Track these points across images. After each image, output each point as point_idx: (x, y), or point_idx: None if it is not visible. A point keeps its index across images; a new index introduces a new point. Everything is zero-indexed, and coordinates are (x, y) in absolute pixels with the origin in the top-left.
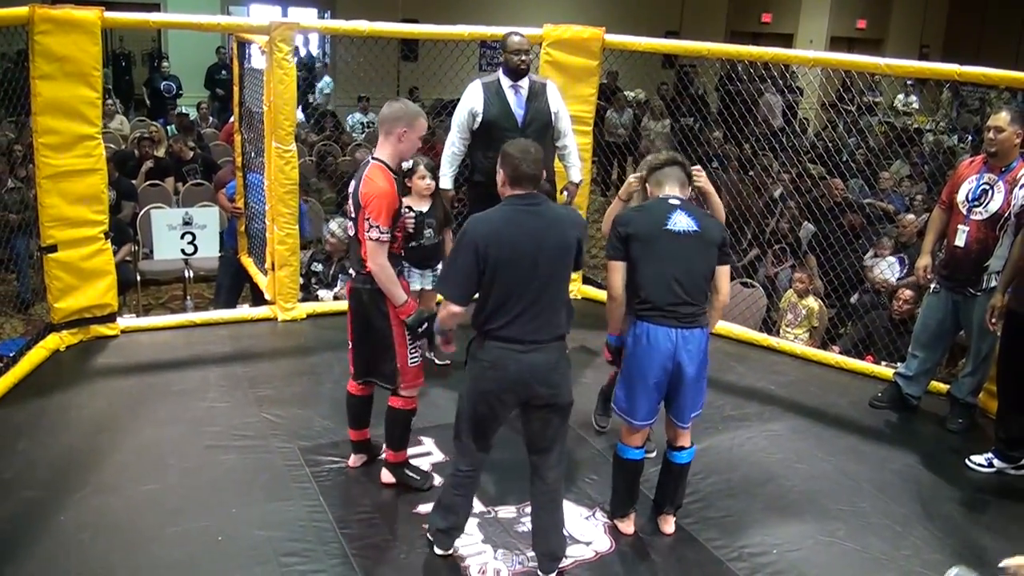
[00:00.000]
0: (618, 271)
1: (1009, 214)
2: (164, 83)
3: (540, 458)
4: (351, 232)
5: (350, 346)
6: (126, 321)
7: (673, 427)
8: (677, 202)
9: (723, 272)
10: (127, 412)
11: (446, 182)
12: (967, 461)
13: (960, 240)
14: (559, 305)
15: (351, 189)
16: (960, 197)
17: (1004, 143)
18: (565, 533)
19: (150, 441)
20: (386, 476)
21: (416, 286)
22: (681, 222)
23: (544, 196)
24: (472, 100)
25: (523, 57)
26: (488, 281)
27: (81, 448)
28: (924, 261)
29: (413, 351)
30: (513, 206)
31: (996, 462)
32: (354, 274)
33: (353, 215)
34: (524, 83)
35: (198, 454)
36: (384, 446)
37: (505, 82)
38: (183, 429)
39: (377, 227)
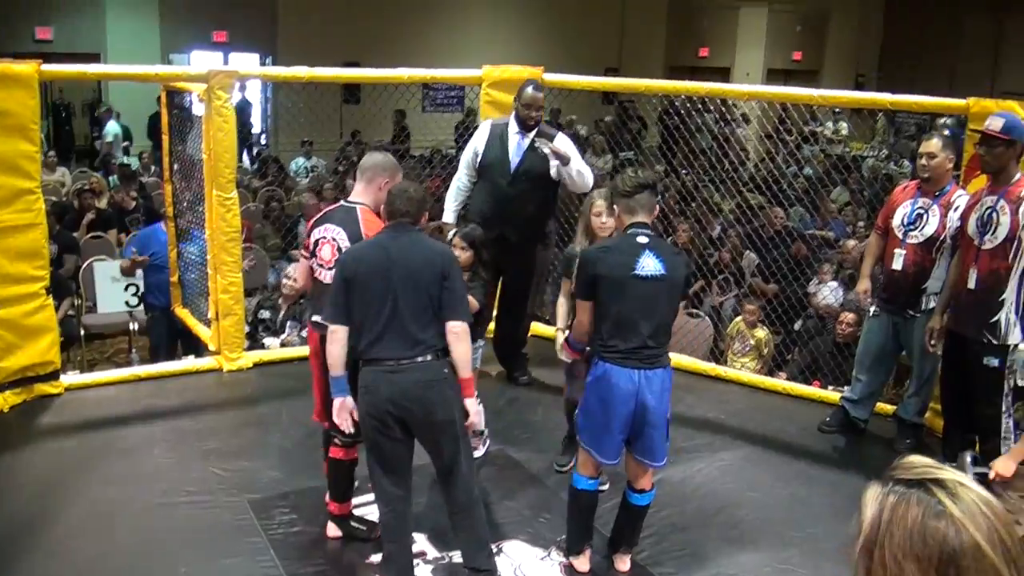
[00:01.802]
0: (587, 310)
1: (944, 237)
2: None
3: (444, 482)
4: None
5: (317, 391)
6: (70, 378)
7: (637, 466)
8: (646, 239)
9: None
10: (73, 472)
11: (448, 216)
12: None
13: (897, 264)
14: (426, 323)
15: (334, 234)
16: (895, 222)
17: (937, 168)
18: (492, 549)
19: (97, 500)
20: (332, 530)
21: None
22: (649, 266)
23: (415, 227)
24: (477, 139)
25: (533, 113)
26: (353, 300)
27: (27, 511)
28: (864, 285)
29: None
30: (381, 233)
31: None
32: None
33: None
34: (531, 132)
35: (146, 512)
36: (327, 498)
37: (513, 127)
38: (131, 487)
39: None
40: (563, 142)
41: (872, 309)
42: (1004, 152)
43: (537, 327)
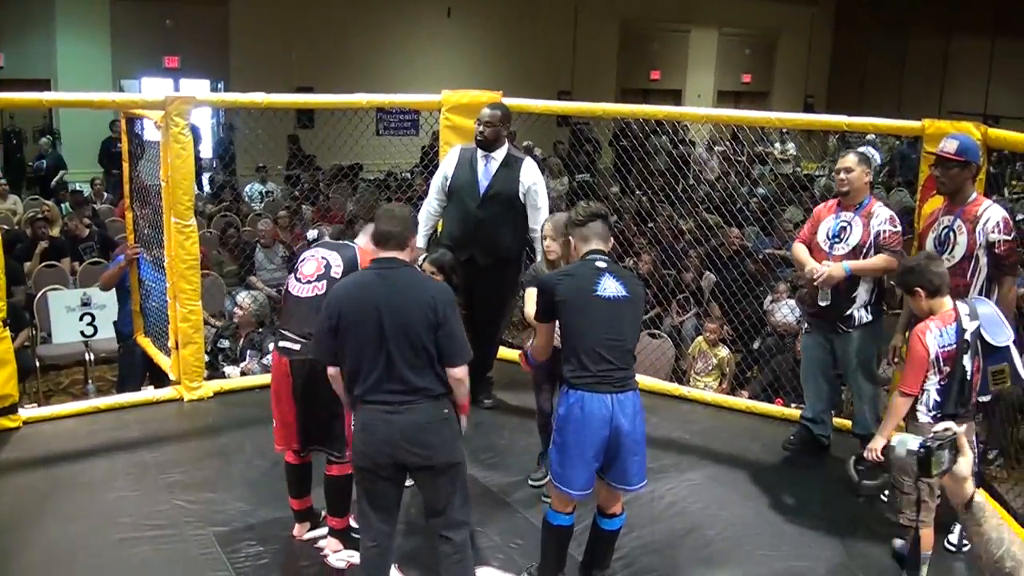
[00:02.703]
0: (546, 332)
1: (869, 244)
2: (37, 162)
3: (439, 520)
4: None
5: (279, 419)
6: (28, 411)
7: (609, 493)
8: (604, 264)
9: None
10: (33, 509)
11: (419, 240)
12: (882, 496)
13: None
14: (422, 369)
15: (324, 254)
16: (820, 237)
17: (855, 182)
18: None
19: (58, 538)
20: (334, 544)
21: None
22: (610, 287)
23: (405, 263)
24: (447, 163)
25: (481, 128)
26: (342, 343)
27: None
28: (811, 265)
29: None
30: (370, 269)
31: None
32: (299, 345)
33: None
34: (498, 155)
35: (109, 549)
36: (324, 514)
37: (479, 152)
38: (92, 523)
39: None
40: (529, 167)
41: (804, 326)
42: (959, 173)
43: (503, 350)
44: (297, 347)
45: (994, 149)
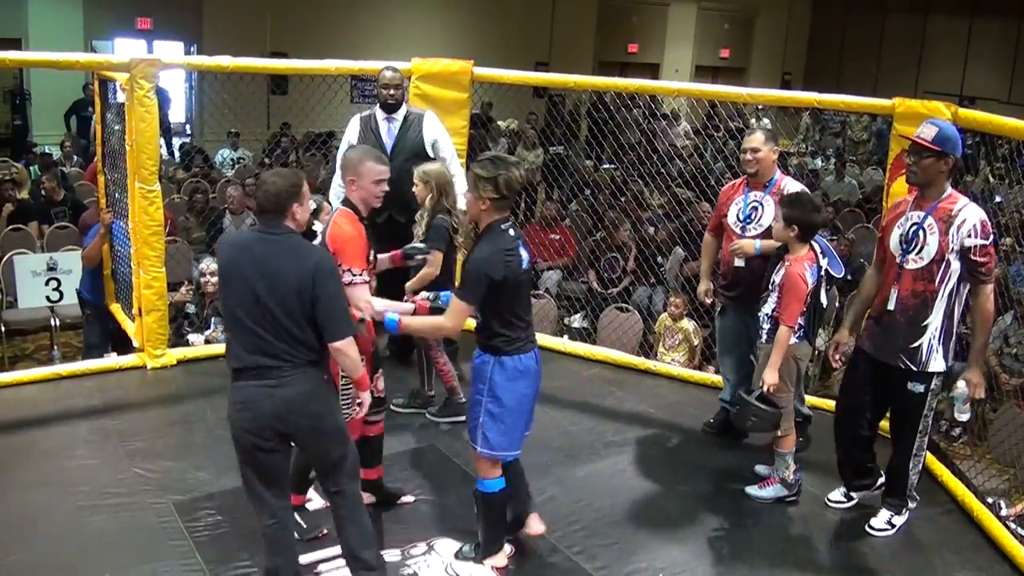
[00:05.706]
0: (467, 314)
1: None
2: None
3: (329, 480)
4: None
5: None
6: None
7: None
8: (513, 231)
9: None
10: None
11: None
12: (827, 500)
13: (740, 260)
14: (298, 336)
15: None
16: (730, 219)
17: (763, 161)
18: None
19: (15, 506)
20: None
21: None
22: (524, 257)
23: (288, 229)
24: (350, 135)
25: (391, 91)
26: (221, 304)
27: None
28: (704, 286)
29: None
30: (253, 231)
31: (854, 493)
32: None
33: None
34: (399, 115)
35: (67, 517)
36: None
37: (380, 115)
38: (51, 491)
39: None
40: (431, 121)
41: (719, 308)
42: (933, 164)
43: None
44: None
45: (964, 130)
